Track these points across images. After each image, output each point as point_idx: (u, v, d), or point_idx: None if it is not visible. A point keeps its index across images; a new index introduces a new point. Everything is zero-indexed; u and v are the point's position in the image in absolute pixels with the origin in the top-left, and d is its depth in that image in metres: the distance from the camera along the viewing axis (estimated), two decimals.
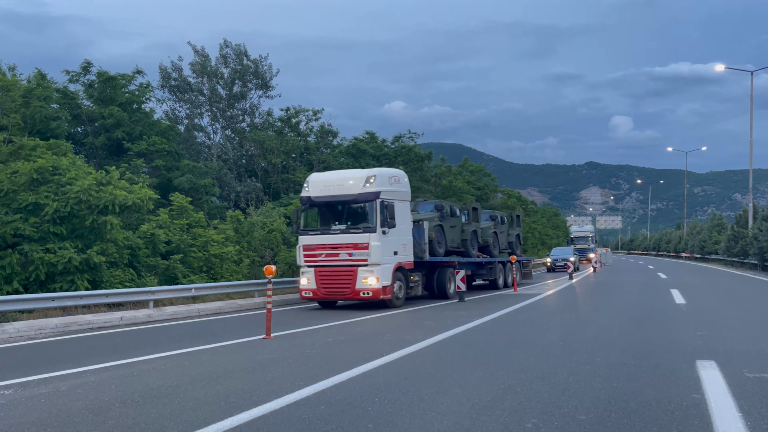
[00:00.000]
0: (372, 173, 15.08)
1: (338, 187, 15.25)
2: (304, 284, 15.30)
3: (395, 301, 15.11)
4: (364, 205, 14.95)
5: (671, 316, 12.54)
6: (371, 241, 14.54)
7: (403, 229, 15.61)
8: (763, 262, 34.00)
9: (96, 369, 7.54)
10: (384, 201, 14.79)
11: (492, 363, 7.50)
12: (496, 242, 22.85)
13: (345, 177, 15.64)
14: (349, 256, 14.70)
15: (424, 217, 17.21)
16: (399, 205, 15.43)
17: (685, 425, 4.81)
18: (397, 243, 15.26)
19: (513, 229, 25.59)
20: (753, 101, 39.00)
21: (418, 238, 16.31)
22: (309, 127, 32.89)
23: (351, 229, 14.90)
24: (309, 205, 15.60)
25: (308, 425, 4.93)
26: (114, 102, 24.19)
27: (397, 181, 15.81)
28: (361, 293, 14.61)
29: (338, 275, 14.90)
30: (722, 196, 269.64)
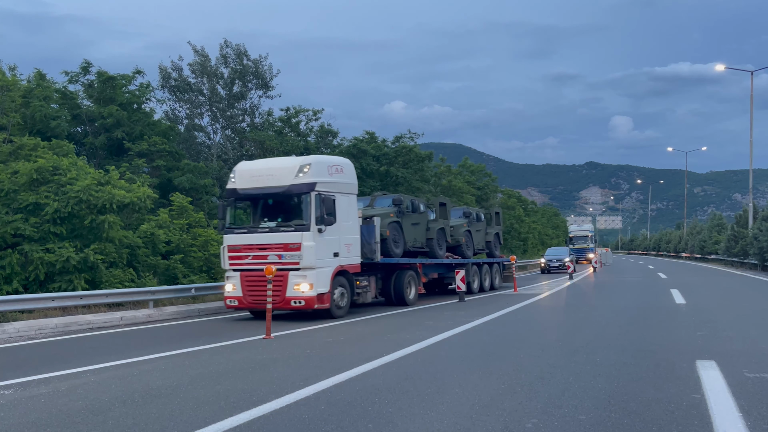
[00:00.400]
0: (306, 161, 12.95)
1: (267, 177, 13.10)
2: (229, 291, 13.21)
3: (336, 311, 13.03)
4: (298, 199, 12.88)
5: (671, 316, 12.54)
6: (304, 241, 12.41)
7: (346, 226, 13.51)
8: (763, 262, 34.00)
9: (96, 369, 7.54)
10: (321, 194, 12.64)
11: (492, 363, 7.50)
12: (469, 242, 20.65)
13: (275, 166, 13.45)
14: (279, 259, 12.56)
15: (377, 213, 15.15)
16: (342, 198, 13.34)
17: (685, 425, 4.81)
18: (337, 243, 13.14)
19: (492, 227, 23.41)
20: (753, 101, 39.00)
21: (367, 236, 14.23)
22: (309, 127, 32.87)
23: (281, 226, 12.83)
24: (235, 198, 13.59)
25: (308, 425, 4.93)
26: (114, 102, 24.18)
27: (339, 171, 13.62)
28: (292, 302, 12.47)
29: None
30: (722, 196, 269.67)
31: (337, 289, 13.10)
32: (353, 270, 13.73)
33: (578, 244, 50.80)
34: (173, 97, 32.76)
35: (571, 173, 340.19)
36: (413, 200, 17.25)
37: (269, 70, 33.49)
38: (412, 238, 16.67)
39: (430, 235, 17.62)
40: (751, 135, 39.89)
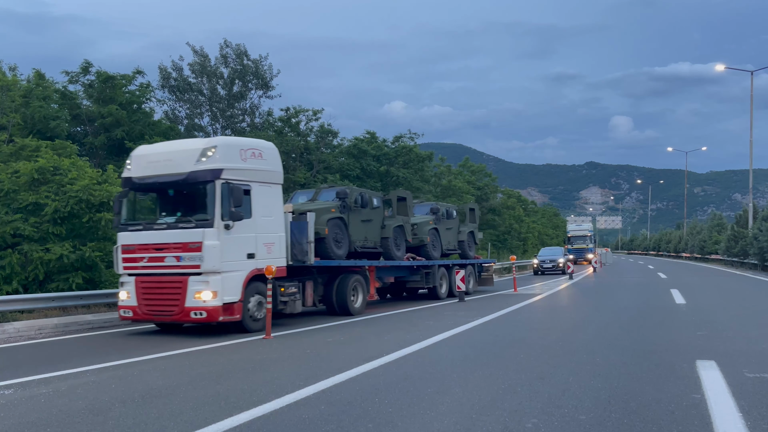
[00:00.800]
0: (212, 143, 10.88)
1: (166, 163, 11.03)
2: (123, 299, 11.11)
3: (251, 324, 10.90)
4: (202, 189, 10.72)
5: (671, 316, 12.54)
6: (205, 240, 10.32)
7: (266, 222, 11.44)
8: (763, 262, 34.00)
9: (96, 369, 7.54)
10: (229, 183, 10.55)
11: (492, 363, 7.50)
12: (436, 241, 18.23)
13: (175, 149, 11.37)
14: (177, 261, 10.53)
15: (313, 208, 13.20)
16: (260, 189, 11.34)
17: (685, 425, 4.81)
18: (253, 242, 11.06)
19: (465, 225, 20.96)
20: (753, 101, 39.01)
21: (298, 235, 12.14)
22: (309, 127, 32.85)
23: (181, 222, 10.82)
24: (130, 188, 11.51)
25: (308, 425, 4.93)
26: (114, 102, 24.18)
27: (257, 156, 11.45)
28: (192, 313, 10.34)
29: (163, 288, 10.74)
30: (722, 196, 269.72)
31: (252, 297, 11.00)
32: (277, 274, 11.18)
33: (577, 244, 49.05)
34: (173, 97, 32.76)
35: (571, 173, 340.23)
36: (363, 194, 14.89)
37: (269, 70, 33.47)
38: (362, 236, 14.67)
39: (385, 233, 15.47)
40: (751, 135, 39.91)
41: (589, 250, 48.22)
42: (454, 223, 20.17)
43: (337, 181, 29.48)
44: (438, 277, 17.74)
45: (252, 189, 11.13)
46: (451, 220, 19.84)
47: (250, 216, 11.01)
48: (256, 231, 11.18)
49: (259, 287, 11.16)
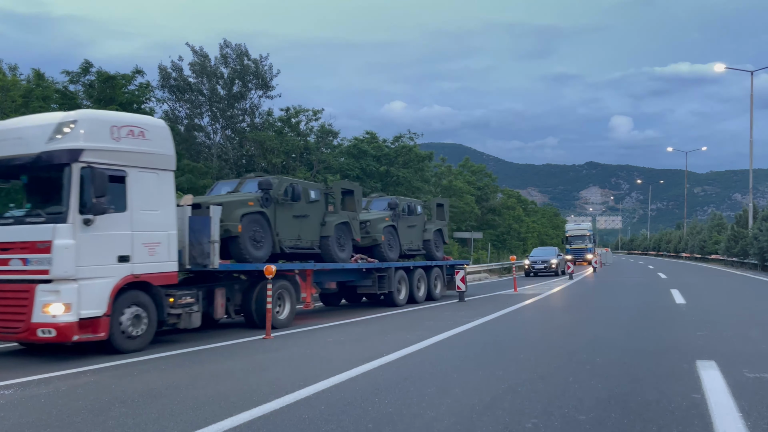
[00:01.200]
0: (70, 117, 8.73)
1: (15, 142, 8.86)
2: None
3: (123, 342, 8.79)
4: (58, 174, 8.53)
5: (671, 316, 12.54)
6: (56, 238, 8.22)
7: (149, 217, 9.26)
8: (763, 262, 34.01)
9: (96, 369, 7.54)
10: (92, 166, 8.47)
11: (492, 363, 7.50)
12: (393, 240, 15.95)
13: (26, 124, 9.16)
14: (23, 265, 8.41)
15: (223, 200, 11.18)
16: (141, 176, 9.20)
17: (685, 425, 4.81)
18: (127, 241, 8.91)
19: (432, 223, 18.61)
20: (753, 101, 39.03)
21: (198, 233, 10.07)
22: (309, 127, 32.87)
23: (30, 216, 8.71)
24: None
25: (308, 425, 4.93)
26: (114, 102, 24.18)
27: (137, 136, 9.23)
28: (39, 331, 8.18)
29: (5, 299, 8.54)
30: (722, 196, 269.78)
31: (126, 310, 8.85)
32: (163, 281, 9.39)
33: (576, 244, 47.27)
34: (173, 97, 32.76)
35: (571, 173, 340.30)
36: (295, 185, 12.77)
37: (269, 70, 33.48)
38: (294, 235, 12.70)
39: (326, 231, 13.43)
40: (751, 135, 39.91)
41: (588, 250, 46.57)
42: (419, 220, 17.84)
43: (337, 182, 29.49)
44: (395, 282, 15.46)
45: (128, 176, 9.03)
46: (414, 217, 17.49)
47: (124, 209, 8.94)
48: (132, 228, 9.02)
49: (138, 297, 9.05)
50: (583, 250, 46.54)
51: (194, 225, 10.23)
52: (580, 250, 46.28)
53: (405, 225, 16.96)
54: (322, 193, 13.73)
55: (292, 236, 12.70)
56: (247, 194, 12.13)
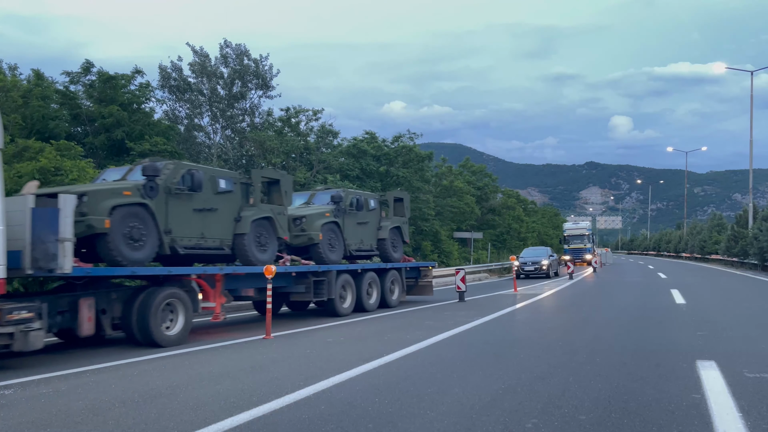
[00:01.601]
0: None
1: None
2: None
3: None
4: None
5: (671, 316, 12.54)
6: None
7: None
8: (763, 262, 34.01)
9: (96, 369, 7.54)
10: None
11: (492, 363, 7.50)
12: (336, 239, 13.77)
13: None
14: None
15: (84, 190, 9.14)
16: None
17: (685, 425, 4.81)
18: None
19: (387, 220, 16.10)
20: (753, 101, 39.03)
21: (42, 230, 8.18)
22: (309, 127, 32.90)
23: None
24: None
25: (308, 425, 4.93)
26: (114, 102, 24.20)
27: None
28: None
29: None
30: (722, 196, 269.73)
31: None
32: None
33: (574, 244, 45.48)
34: (173, 97, 32.79)
35: (571, 173, 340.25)
36: (195, 172, 10.58)
37: (269, 70, 33.50)
38: (196, 233, 10.74)
39: (241, 228, 11.34)
40: (751, 135, 39.92)
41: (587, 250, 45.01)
42: (372, 216, 15.53)
43: (337, 182, 29.52)
44: (336, 287, 13.17)
45: None
46: (366, 213, 15.22)
47: None
48: None
49: None
50: (582, 250, 44.99)
51: (38, 219, 8.11)
52: (578, 251, 44.85)
53: (353, 222, 14.64)
54: (237, 182, 11.66)
55: (192, 234, 10.68)
56: (126, 183, 10.09)
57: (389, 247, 15.80)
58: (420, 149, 35.44)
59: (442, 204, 38.90)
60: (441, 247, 37.08)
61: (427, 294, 17.42)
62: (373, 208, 15.63)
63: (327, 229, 13.59)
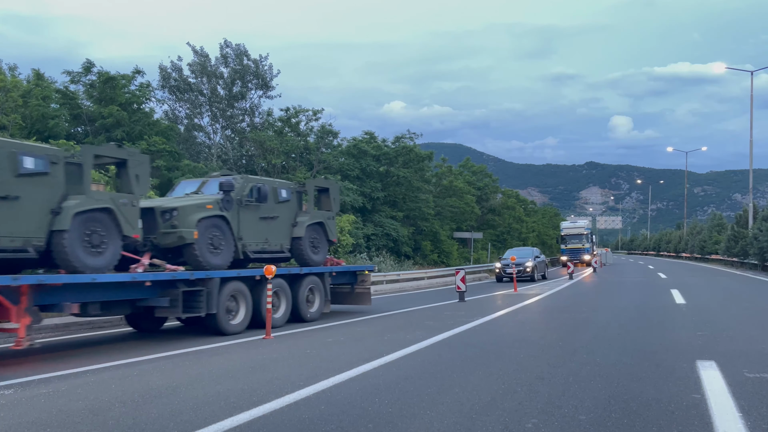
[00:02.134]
0: None
1: None
2: None
3: None
4: None
5: (671, 316, 12.54)
6: None
7: None
8: (763, 262, 34.01)
9: (96, 369, 7.54)
10: None
11: (492, 363, 7.50)
12: (222, 238, 10.97)
13: None
14: None
15: None
16: None
17: (685, 425, 4.81)
18: None
19: (305, 214, 13.09)
20: (753, 101, 39.04)
21: None
22: (309, 127, 32.94)
23: None
24: None
25: (308, 425, 4.93)
26: (114, 102, 24.21)
27: None
28: None
29: None
30: (722, 196, 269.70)
31: None
32: None
33: (572, 244, 43.41)
34: (173, 97, 32.81)
35: (571, 173, 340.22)
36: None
37: (269, 70, 33.54)
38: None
39: (60, 224, 8.60)
40: (751, 135, 39.93)
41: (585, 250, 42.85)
42: (284, 209, 12.68)
43: (338, 182, 29.51)
44: (220, 299, 10.46)
45: None
46: (274, 205, 12.40)
47: None
48: None
49: None
50: (580, 250, 42.91)
51: None
52: (576, 251, 42.71)
53: (254, 216, 11.88)
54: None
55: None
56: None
57: (307, 248, 12.92)
58: (420, 149, 35.47)
59: (442, 204, 38.91)
60: (441, 247, 37.09)
61: (365, 303, 14.60)
62: (284, 199, 12.64)
63: (207, 226, 10.75)
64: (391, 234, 31.18)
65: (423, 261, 34.77)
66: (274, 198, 12.41)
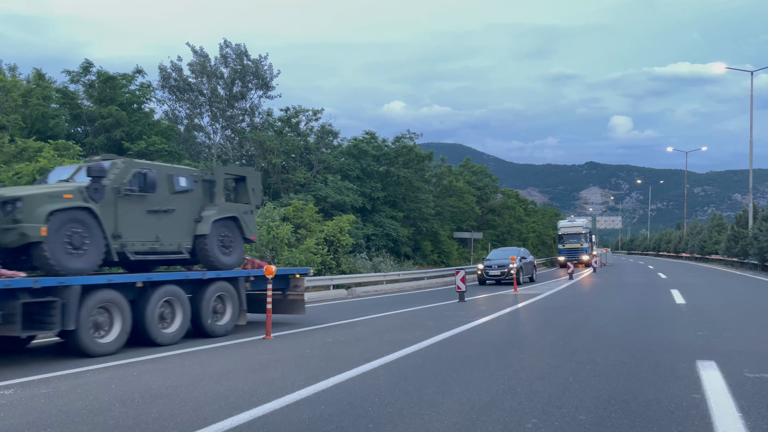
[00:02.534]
0: None
1: None
2: None
3: None
4: None
5: (671, 316, 12.54)
6: None
7: None
8: (763, 262, 34.00)
9: (96, 369, 7.54)
10: None
11: (492, 363, 7.50)
12: (85, 236, 8.88)
13: None
14: None
15: None
16: None
17: (685, 425, 4.81)
18: None
19: (212, 207, 10.93)
20: (753, 101, 39.03)
21: None
22: (309, 128, 32.94)
23: None
24: None
25: (308, 425, 4.93)
26: (114, 102, 24.22)
27: None
28: None
29: None
30: (722, 196, 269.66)
31: None
32: None
33: (569, 244, 41.73)
34: (173, 97, 32.80)
35: (571, 173, 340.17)
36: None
37: (269, 70, 33.53)
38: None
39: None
40: (751, 135, 39.92)
41: (583, 250, 41.26)
42: (183, 201, 10.50)
43: (338, 182, 29.51)
44: (81, 314, 8.41)
45: None
46: (168, 196, 10.24)
47: None
48: None
49: None
50: (578, 250, 41.14)
51: None
52: (574, 251, 40.99)
53: (138, 209, 9.81)
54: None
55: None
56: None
57: (214, 248, 10.79)
58: (420, 149, 35.47)
59: (442, 204, 38.91)
60: (441, 247, 37.09)
61: (298, 312, 12.49)
62: (183, 189, 10.48)
63: (64, 220, 8.69)
64: (391, 234, 31.18)
65: (423, 261, 34.77)
66: (167, 187, 10.23)
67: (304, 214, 24.11)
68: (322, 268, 21.84)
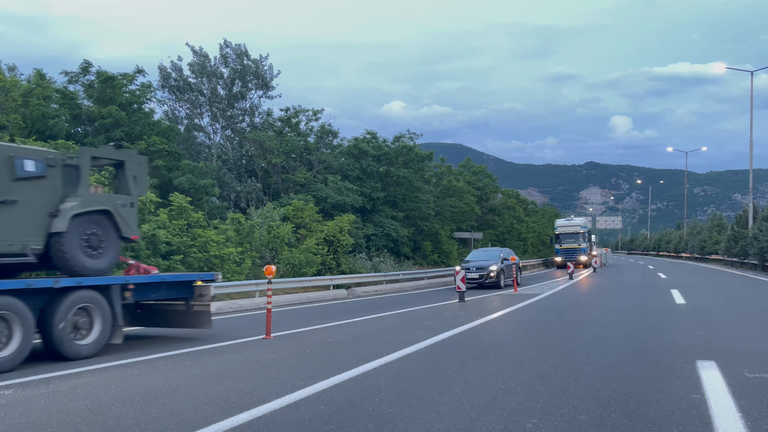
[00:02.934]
0: None
1: None
2: None
3: None
4: None
5: (671, 316, 12.54)
6: None
7: None
8: (763, 262, 34.00)
9: (96, 369, 7.54)
10: None
11: (492, 363, 7.50)
12: None
13: None
14: None
15: None
16: None
17: (685, 425, 4.81)
18: None
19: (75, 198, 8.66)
20: (753, 101, 39.04)
21: None
22: (309, 127, 32.94)
23: None
24: None
25: (308, 425, 4.93)
26: (114, 102, 24.20)
27: None
28: None
29: None
30: (722, 196, 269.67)
31: None
32: None
33: (567, 243, 40.59)
34: (173, 97, 32.79)
35: (571, 173, 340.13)
36: None
37: (269, 70, 33.52)
38: None
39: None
40: (751, 135, 39.93)
41: (581, 250, 40.03)
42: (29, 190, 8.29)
43: (338, 182, 29.50)
44: None
45: None
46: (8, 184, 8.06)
47: None
48: None
49: None
50: (576, 250, 39.80)
51: None
52: (572, 251, 39.78)
53: None
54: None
55: None
56: None
57: (74, 249, 8.62)
58: (420, 149, 35.46)
59: (442, 204, 38.91)
60: (441, 248, 37.09)
61: (204, 326, 10.37)
62: (30, 174, 8.29)
63: None
64: (391, 234, 31.18)
65: (423, 261, 34.77)
66: (7, 172, 8.05)
67: (304, 214, 24.12)
68: (322, 268, 21.85)
